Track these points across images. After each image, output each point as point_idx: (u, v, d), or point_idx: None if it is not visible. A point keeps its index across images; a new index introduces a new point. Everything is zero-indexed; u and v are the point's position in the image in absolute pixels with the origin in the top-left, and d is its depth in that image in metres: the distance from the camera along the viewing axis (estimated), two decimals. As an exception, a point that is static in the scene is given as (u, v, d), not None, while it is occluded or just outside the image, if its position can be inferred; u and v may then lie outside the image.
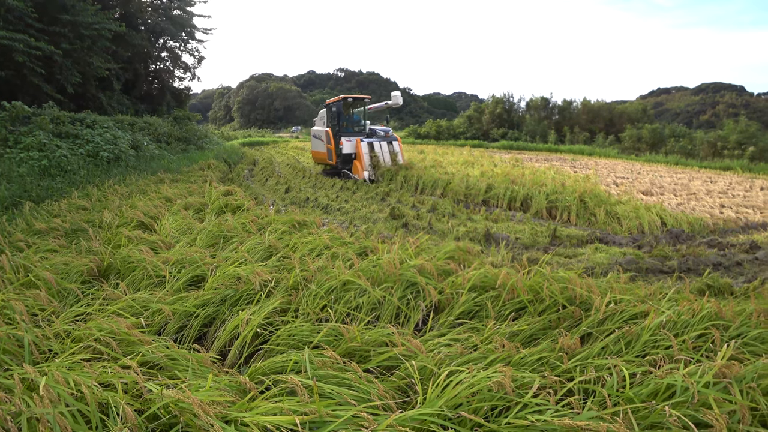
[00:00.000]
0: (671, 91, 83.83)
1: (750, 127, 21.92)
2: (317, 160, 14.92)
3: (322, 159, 14.32)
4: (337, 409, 1.56)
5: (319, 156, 14.48)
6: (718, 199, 9.86)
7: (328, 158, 13.63)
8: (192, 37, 23.54)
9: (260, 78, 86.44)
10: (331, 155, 13.36)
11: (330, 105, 14.06)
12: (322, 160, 14.43)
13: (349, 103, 14.12)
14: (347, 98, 13.88)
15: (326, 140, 13.56)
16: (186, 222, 5.34)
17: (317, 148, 14.53)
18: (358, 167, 12.39)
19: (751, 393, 1.76)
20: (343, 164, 13.02)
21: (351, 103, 14.22)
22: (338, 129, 13.49)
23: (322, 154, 14.16)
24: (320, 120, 14.74)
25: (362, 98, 14.37)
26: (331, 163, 13.52)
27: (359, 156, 12.42)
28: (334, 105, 13.79)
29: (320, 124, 14.68)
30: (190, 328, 3.01)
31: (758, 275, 4.85)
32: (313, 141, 14.96)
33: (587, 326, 2.42)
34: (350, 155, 12.83)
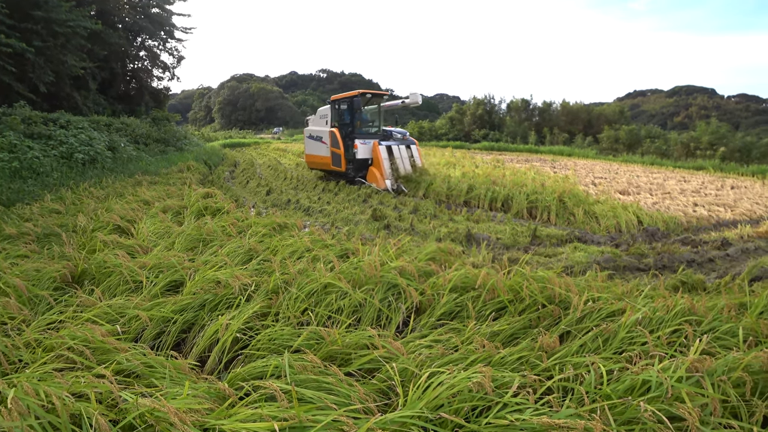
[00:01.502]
0: (647, 94, 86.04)
1: (721, 129, 22.73)
2: (314, 165, 12.98)
3: (322, 164, 12.35)
4: (318, 414, 1.54)
5: (319, 160, 12.48)
6: (691, 198, 10.15)
7: (333, 164, 11.65)
8: (171, 36, 23.08)
9: (241, 78, 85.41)
10: (339, 160, 11.41)
11: (338, 101, 11.96)
12: (322, 166, 12.43)
13: (367, 99, 11.97)
14: (365, 93, 11.64)
15: (331, 142, 11.59)
16: (164, 225, 5.23)
17: (316, 152, 12.55)
18: (376, 175, 10.66)
19: (722, 386, 1.81)
20: (356, 171, 11.22)
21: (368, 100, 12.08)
22: (351, 129, 11.49)
23: (323, 159, 12.18)
24: (320, 119, 12.70)
25: (381, 94, 12.29)
26: (338, 170, 11.55)
27: (377, 162, 10.70)
28: (346, 101, 11.62)
29: (320, 123, 12.66)
30: (168, 335, 2.95)
31: (729, 271, 5.01)
32: (309, 143, 12.91)
33: (566, 325, 2.46)
34: (366, 161, 11.01)
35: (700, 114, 55.96)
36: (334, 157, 11.63)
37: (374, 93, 12.01)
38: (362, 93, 11.47)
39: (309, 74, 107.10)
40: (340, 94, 12.18)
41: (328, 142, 11.79)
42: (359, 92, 11.44)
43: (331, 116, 12.10)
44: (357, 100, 11.15)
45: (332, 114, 12.08)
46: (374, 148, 10.82)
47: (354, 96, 11.32)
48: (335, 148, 11.50)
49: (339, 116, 11.97)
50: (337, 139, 11.41)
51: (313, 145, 12.71)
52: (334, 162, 11.64)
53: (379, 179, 10.58)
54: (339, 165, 11.47)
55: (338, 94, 12.13)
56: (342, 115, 11.90)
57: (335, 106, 12.05)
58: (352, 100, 11.36)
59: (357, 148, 10.90)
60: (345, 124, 11.75)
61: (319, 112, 12.89)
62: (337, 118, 12.01)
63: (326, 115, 12.33)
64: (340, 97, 11.97)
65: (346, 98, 11.66)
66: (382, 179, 10.56)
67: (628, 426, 1.60)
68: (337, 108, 12.04)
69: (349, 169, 11.37)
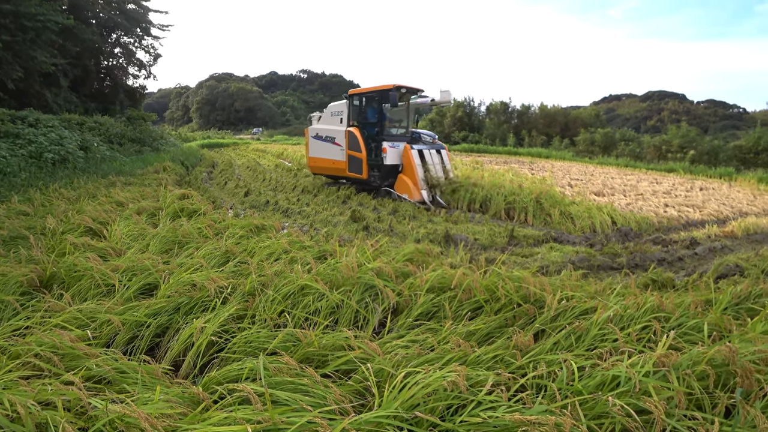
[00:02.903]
0: (621, 98, 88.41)
1: (690, 132, 23.62)
2: (321, 170, 11.28)
3: (334, 170, 10.73)
4: (292, 416, 1.53)
5: (329, 165, 10.80)
6: (662, 199, 10.49)
7: (351, 169, 10.09)
8: (147, 33, 22.55)
9: (220, 78, 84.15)
10: (359, 166, 9.80)
11: (361, 96, 10.22)
12: (333, 171, 10.81)
13: (402, 95, 10.02)
14: (400, 88, 9.65)
15: (349, 144, 9.99)
16: (138, 227, 5.10)
17: (324, 155, 10.84)
18: (407, 184, 9.18)
19: (687, 379, 1.88)
20: (382, 179, 9.68)
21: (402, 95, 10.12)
22: (378, 130, 9.82)
23: (335, 164, 10.55)
24: (331, 116, 10.89)
25: (416, 90, 10.22)
26: (357, 177, 10.01)
27: (409, 169, 9.27)
28: (374, 96, 9.89)
29: (331, 121, 10.85)
30: (141, 339, 2.88)
31: (697, 269, 5.20)
32: (315, 145, 11.13)
33: (541, 323, 2.51)
34: (395, 167, 9.56)
35: (671, 118, 57.86)
36: (352, 162, 9.99)
37: (409, 88, 9.97)
38: (397, 87, 9.56)
39: (289, 74, 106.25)
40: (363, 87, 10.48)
41: (343, 143, 10.16)
42: (394, 86, 9.47)
43: (349, 113, 10.32)
44: (393, 95, 9.22)
45: (350, 111, 10.32)
46: (405, 153, 9.37)
47: (389, 90, 9.36)
48: (355, 152, 9.88)
49: (360, 114, 10.24)
50: (358, 141, 9.76)
51: (320, 147, 10.97)
52: (353, 168, 10.00)
53: (412, 189, 9.11)
54: (359, 171, 9.85)
55: (358, 88, 10.49)
56: (364, 113, 10.17)
57: (354, 102, 10.32)
58: (385, 94, 9.50)
59: (386, 153, 9.36)
60: (369, 124, 10.04)
61: (330, 109, 11.05)
62: (357, 116, 10.30)
63: (341, 112, 10.55)
64: (363, 91, 10.18)
65: (374, 92, 9.81)
66: (416, 189, 9.11)
67: (598, 420, 1.65)
68: (359, 104, 10.30)
69: (373, 176, 9.79)
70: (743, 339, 2.32)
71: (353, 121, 10.30)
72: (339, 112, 10.66)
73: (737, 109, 72.38)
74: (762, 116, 58.40)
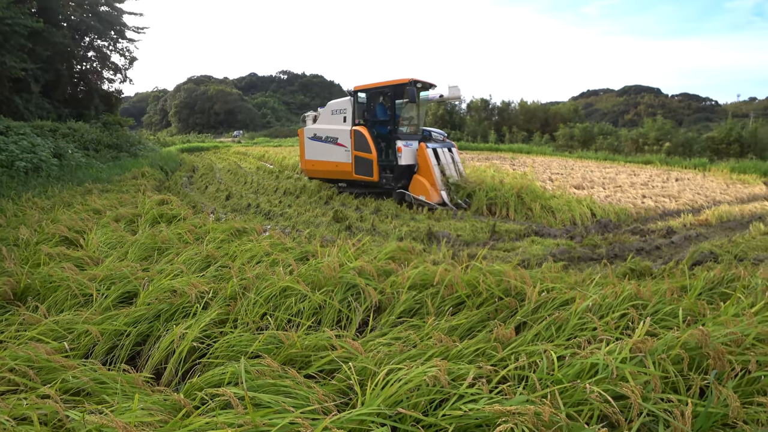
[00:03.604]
0: (599, 93, 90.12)
1: (666, 125, 24.24)
2: (320, 173, 10.57)
3: (336, 172, 10.02)
4: (274, 418, 1.52)
5: (330, 168, 10.08)
6: (640, 190, 10.73)
7: (358, 172, 9.40)
8: (122, 36, 22.01)
9: (199, 80, 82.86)
10: (368, 167, 9.14)
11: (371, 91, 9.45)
12: (335, 174, 10.13)
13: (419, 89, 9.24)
14: (416, 82, 8.91)
15: (356, 144, 9.31)
16: (116, 235, 5.01)
17: (324, 157, 10.13)
18: (424, 186, 8.54)
19: (662, 363, 1.93)
20: (396, 181, 9.03)
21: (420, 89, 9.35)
22: (391, 128, 9.16)
23: (337, 166, 9.84)
24: (332, 115, 10.16)
25: (430, 85, 9.58)
26: (366, 179, 9.35)
27: (426, 169, 8.68)
28: (386, 91, 9.15)
29: (331, 120, 10.12)
30: (121, 349, 2.83)
31: (673, 257, 5.34)
32: (312, 146, 10.42)
33: (522, 315, 2.54)
34: (410, 168, 8.99)
35: (647, 112, 59.22)
36: (359, 164, 9.33)
37: (423, 82, 9.25)
38: (414, 81, 8.83)
39: (269, 76, 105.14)
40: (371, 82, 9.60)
41: (348, 144, 9.51)
42: (411, 79, 8.76)
43: (354, 111, 9.60)
44: (411, 90, 8.54)
45: (355, 108, 9.60)
46: (421, 152, 8.78)
47: (405, 84, 8.71)
48: (363, 152, 9.23)
49: (369, 111, 9.59)
50: (367, 141, 9.09)
51: (319, 149, 10.24)
52: (360, 170, 9.34)
53: (430, 190, 8.47)
54: (369, 173, 9.20)
55: (365, 84, 9.65)
56: (373, 110, 9.53)
57: (359, 99, 9.62)
58: (400, 89, 8.87)
59: (401, 152, 8.71)
60: (379, 122, 9.42)
61: (330, 107, 10.28)
62: (363, 114, 9.66)
63: (343, 110, 9.83)
64: (371, 87, 9.44)
65: (386, 87, 9.13)
66: (435, 190, 8.50)
67: (577, 407, 1.68)
68: (366, 101, 9.62)
69: (384, 178, 9.16)
70: (716, 322, 2.39)
71: (359, 119, 9.62)
72: (341, 110, 9.91)
73: (709, 102, 74.61)
74: (733, 108, 60.39)
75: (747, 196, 10.55)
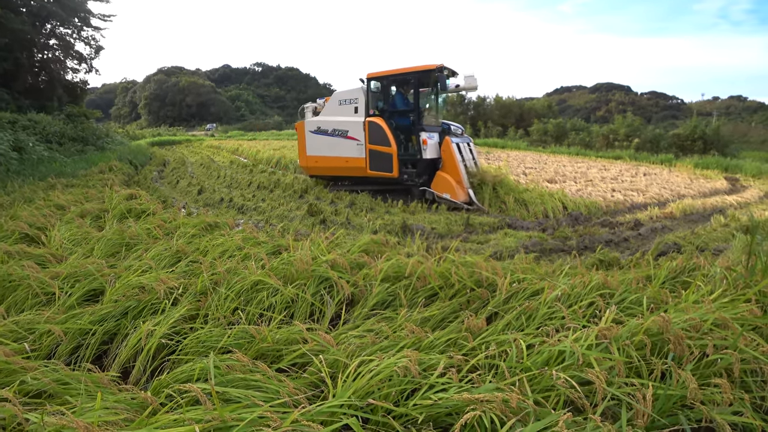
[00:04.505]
0: (572, 90, 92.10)
1: (635, 122, 25.03)
2: (325, 170, 9.77)
3: (346, 169, 9.24)
4: (243, 412, 1.50)
5: (339, 165, 9.29)
6: (610, 184, 11.05)
7: (374, 167, 8.63)
8: (87, 24, 21.08)
9: (170, 72, 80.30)
10: (387, 163, 8.39)
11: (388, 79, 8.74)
12: (345, 171, 9.35)
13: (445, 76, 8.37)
14: (444, 68, 8.16)
15: (371, 137, 8.52)
16: (82, 231, 4.82)
17: (330, 152, 9.33)
18: (449, 183, 7.90)
19: (626, 349, 1.99)
20: (418, 176, 8.36)
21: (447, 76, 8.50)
22: (414, 119, 8.49)
23: (347, 162, 9.07)
24: (339, 106, 9.28)
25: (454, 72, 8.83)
26: (384, 176, 8.57)
27: (450, 164, 8.06)
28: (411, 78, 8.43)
29: (339, 112, 9.24)
30: (86, 348, 2.74)
31: (640, 248, 5.52)
32: (315, 140, 9.56)
33: (493, 306, 2.58)
34: (433, 163, 8.33)
35: (618, 109, 60.92)
36: (376, 159, 8.55)
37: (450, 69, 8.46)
38: (442, 67, 8.09)
39: (243, 68, 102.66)
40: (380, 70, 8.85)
41: (361, 137, 8.74)
42: (439, 65, 8.04)
43: (368, 101, 8.82)
44: (442, 76, 7.95)
45: (369, 98, 8.83)
46: (446, 147, 8.11)
47: (431, 70, 8.03)
48: (380, 146, 8.43)
49: (386, 101, 8.91)
50: (385, 133, 8.31)
51: (324, 143, 9.38)
52: (377, 165, 8.56)
53: (456, 188, 7.83)
54: (387, 169, 8.45)
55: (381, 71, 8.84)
56: (391, 100, 8.87)
57: (372, 88, 8.87)
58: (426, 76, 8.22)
59: (426, 144, 8.04)
60: (398, 113, 8.75)
61: (337, 97, 9.42)
62: (377, 104, 8.95)
63: (354, 101, 9.01)
64: (389, 74, 8.63)
65: (408, 75, 8.42)
66: (461, 188, 7.86)
67: (545, 394, 1.72)
68: (382, 90, 8.92)
69: (406, 174, 8.45)
70: (677, 309, 2.49)
71: (373, 109, 8.88)
72: (352, 100, 9.04)
73: (676, 101, 77.41)
74: (697, 107, 62.90)
75: (709, 191, 11.02)
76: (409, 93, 8.97)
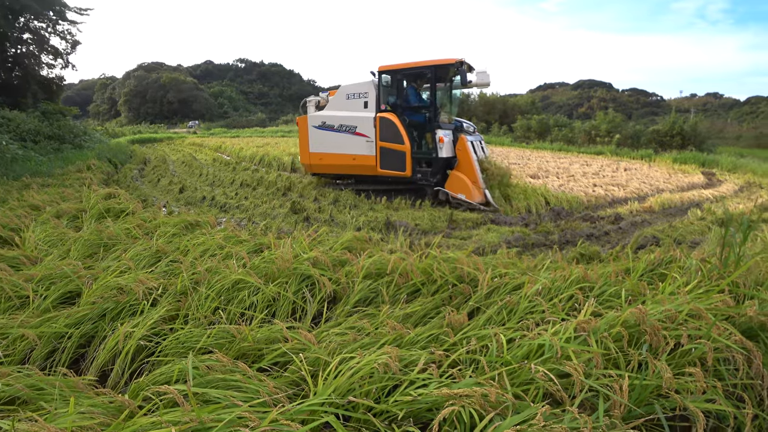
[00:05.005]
0: (555, 86, 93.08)
1: (616, 118, 25.47)
2: (329, 168, 9.34)
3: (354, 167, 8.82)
4: (222, 413, 1.48)
5: (345, 162, 8.86)
6: (591, 179, 11.22)
7: (385, 166, 8.26)
8: (63, 17, 20.39)
9: (150, 67, 78.62)
10: (400, 161, 8.03)
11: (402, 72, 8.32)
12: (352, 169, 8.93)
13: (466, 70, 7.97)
14: (463, 63, 7.86)
15: (382, 134, 8.15)
16: (58, 232, 4.70)
17: (336, 149, 8.88)
18: (465, 182, 7.60)
19: (604, 341, 2.03)
20: (433, 175, 8.01)
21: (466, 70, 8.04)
22: (430, 116, 8.10)
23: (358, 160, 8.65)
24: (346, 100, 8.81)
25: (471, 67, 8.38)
26: (396, 175, 8.21)
27: (465, 163, 7.77)
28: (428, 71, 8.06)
29: (347, 106, 8.78)
30: (62, 352, 2.67)
31: (620, 242, 5.63)
32: (319, 136, 9.08)
33: (475, 301, 2.60)
34: (448, 161, 8.02)
35: (599, 105, 61.92)
36: (387, 157, 8.18)
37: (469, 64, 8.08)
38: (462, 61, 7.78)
39: (226, 64, 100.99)
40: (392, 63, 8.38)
41: (371, 133, 8.36)
42: (459, 60, 7.70)
43: (379, 95, 8.42)
44: (463, 71, 7.69)
45: (380, 92, 8.41)
46: (461, 145, 7.82)
47: (451, 65, 7.73)
48: (392, 143, 8.06)
49: (399, 95, 8.45)
50: (398, 130, 7.93)
51: (329, 140, 8.93)
52: (389, 163, 8.19)
53: (471, 188, 7.53)
54: (399, 168, 8.08)
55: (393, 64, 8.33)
56: (404, 94, 8.46)
57: (384, 81, 8.47)
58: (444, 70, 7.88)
59: (443, 142, 7.71)
60: (411, 108, 8.38)
61: (345, 91, 8.89)
62: (388, 99, 8.52)
63: (364, 94, 8.59)
64: (403, 68, 8.23)
65: (424, 68, 8.04)
66: (477, 189, 7.58)
67: (525, 387, 1.74)
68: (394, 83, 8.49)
69: (420, 173, 8.07)
70: (654, 301, 2.54)
71: (385, 104, 8.44)
72: (361, 94, 8.58)
73: (656, 97, 78.97)
74: (676, 104, 64.33)
75: (686, 185, 11.28)
76: (423, 88, 8.71)
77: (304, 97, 10.32)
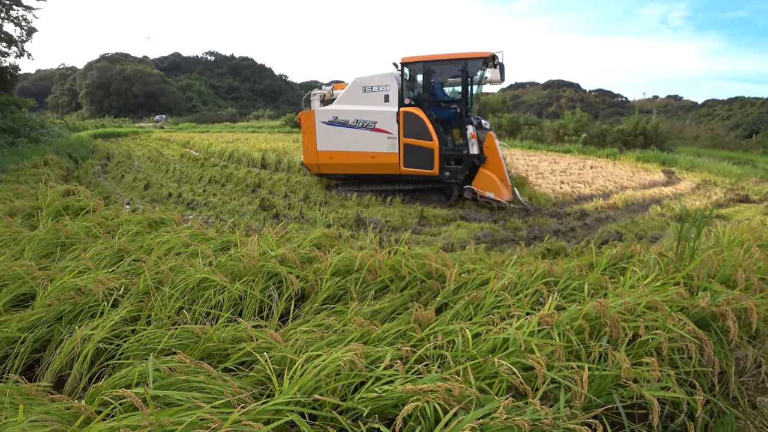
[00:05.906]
0: (526, 86, 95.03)
1: (583, 118, 26.27)
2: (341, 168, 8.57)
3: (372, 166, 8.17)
4: (183, 415, 1.44)
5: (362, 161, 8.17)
6: (559, 177, 11.54)
7: (409, 164, 7.81)
8: (17, 3, 19.26)
9: (114, 59, 75.43)
10: (427, 159, 7.60)
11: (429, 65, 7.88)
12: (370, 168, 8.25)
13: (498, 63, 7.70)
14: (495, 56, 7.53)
15: (407, 130, 7.69)
16: (10, 231, 4.46)
17: (350, 147, 8.17)
18: (493, 181, 7.37)
19: (566, 334, 2.09)
20: (462, 172, 7.70)
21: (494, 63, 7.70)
22: (461, 112, 7.85)
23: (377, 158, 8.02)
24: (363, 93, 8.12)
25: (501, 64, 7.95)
26: (425, 173, 7.77)
27: (493, 161, 7.55)
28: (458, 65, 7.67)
29: (361, 100, 8.12)
30: (15, 358, 2.54)
31: (585, 237, 5.81)
32: (330, 132, 8.30)
33: (443, 297, 2.63)
34: (478, 158, 7.72)
35: (568, 105, 63.66)
36: (412, 154, 7.70)
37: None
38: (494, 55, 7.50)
39: (194, 56, 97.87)
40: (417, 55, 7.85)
41: (393, 129, 7.80)
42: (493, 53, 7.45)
43: (402, 89, 7.93)
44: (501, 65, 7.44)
45: (402, 86, 7.93)
46: (489, 142, 7.55)
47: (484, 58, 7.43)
48: (418, 140, 7.60)
49: (426, 89, 8.03)
50: (425, 126, 7.51)
51: (341, 137, 8.16)
52: (414, 161, 7.72)
53: (500, 187, 7.32)
54: (427, 166, 7.64)
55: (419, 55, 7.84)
56: (430, 88, 8.03)
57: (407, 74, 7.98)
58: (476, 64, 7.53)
59: (474, 138, 7.46)
60: (438, 102, 8.04)
61: (361, 83, 8.17)
62: (415, 92, 8.10)
63: (384, 87, 7.97)
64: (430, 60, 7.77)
65: (454, 61, 7.63)
66: (505, 187, 7.41)
67: (489, 381, 1.77)
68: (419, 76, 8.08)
69: (448, 171, 7.68)
70: (615, 294, 2.63)
71: (408, 98, 7.94)
72: (381, 86, 7.94)
73: (621, 98, 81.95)
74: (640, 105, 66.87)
75: (648, 183, 11.76)
76: (448, 81, 8.40)
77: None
